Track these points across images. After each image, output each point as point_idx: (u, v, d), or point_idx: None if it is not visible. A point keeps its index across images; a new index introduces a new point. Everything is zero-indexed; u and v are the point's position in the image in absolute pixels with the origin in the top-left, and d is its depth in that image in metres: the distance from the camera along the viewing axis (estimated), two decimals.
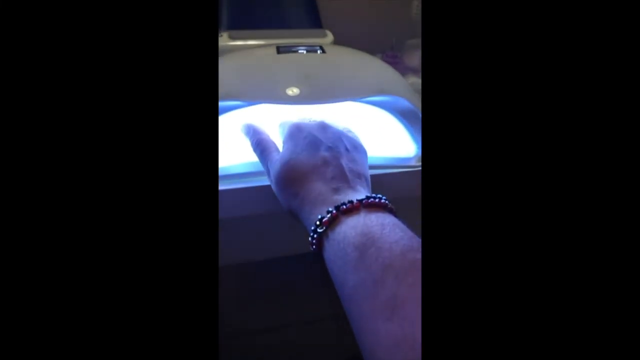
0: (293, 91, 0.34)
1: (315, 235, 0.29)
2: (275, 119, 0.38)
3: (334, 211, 0.28)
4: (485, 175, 0.20)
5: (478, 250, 0.20)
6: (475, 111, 0.21)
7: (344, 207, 0.28)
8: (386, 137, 0.42)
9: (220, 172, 0.38)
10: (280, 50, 0.37)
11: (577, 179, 0.19)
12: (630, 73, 0.18)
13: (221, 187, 0.37)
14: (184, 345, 0.19)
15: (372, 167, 0.40)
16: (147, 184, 0.20)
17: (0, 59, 0.18)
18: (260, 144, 0.36)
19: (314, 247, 0.29)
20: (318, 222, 0.28)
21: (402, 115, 0.39)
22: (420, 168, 0.42)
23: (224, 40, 0.55)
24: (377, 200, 0.29)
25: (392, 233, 0.26)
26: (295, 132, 0.34)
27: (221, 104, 0.34)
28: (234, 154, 0.39)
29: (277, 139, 0.36)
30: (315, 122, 0.35)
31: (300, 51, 0.37)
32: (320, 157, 0.32)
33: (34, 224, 0.18)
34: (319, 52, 0.37)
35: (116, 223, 0.19)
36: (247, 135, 0.37)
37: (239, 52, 0.40)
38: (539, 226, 0.19)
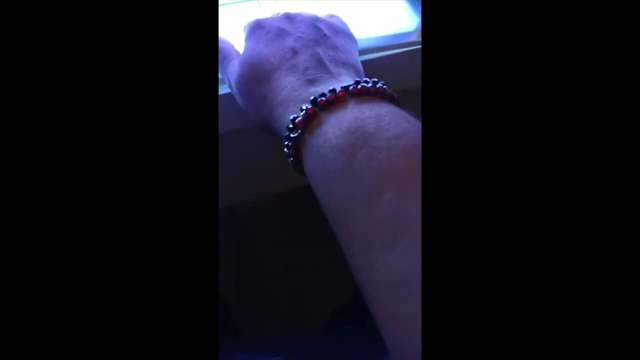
0: None
1: (289, 143, 0.22)
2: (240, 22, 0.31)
3: (310, 106, 0.21)
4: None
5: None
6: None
7: (324, 99, 0.21)
8: (376, 9, 0.32)
9: None
10: None
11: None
12: (630, 73, 0.16)
13: None
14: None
15: (362, 51, 0.32)
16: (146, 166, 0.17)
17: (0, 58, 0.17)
18: (221, 53, 0.29)
19: (291, 159, 0.23)
20: (291, 125, 0.22)
21: None
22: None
23: None
24: (370, 85, 0.21)
25: (392, 125, 0.19)
26: (256, 29, 0.28)
27: None
28: None
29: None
30: (280, 14, 0.29)
31: None
32: (289, 47, 0.25)
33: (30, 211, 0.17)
34: None
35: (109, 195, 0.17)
36: None
37: None
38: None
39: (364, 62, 0.31)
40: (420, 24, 0.33)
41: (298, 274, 0.61)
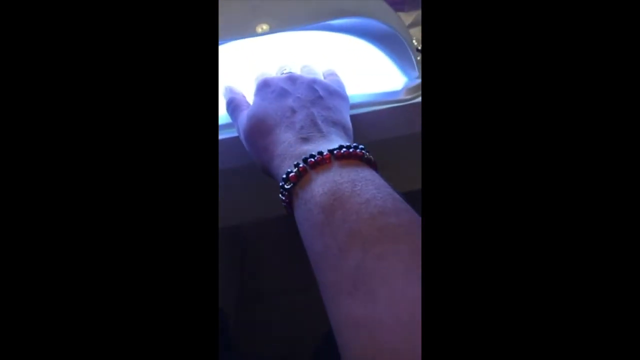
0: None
1: (284, 192, 0.26)
2: (251, 71, 0.36)
3: (302, 164, 0.25)
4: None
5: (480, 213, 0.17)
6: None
7: (312, 160, 0.25)
8: (368, 69, 0.37)
9: None
10: None
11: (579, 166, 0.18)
12: (630, 73, 0.17)
13: None
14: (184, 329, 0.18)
15: (356, 106, 0.36)
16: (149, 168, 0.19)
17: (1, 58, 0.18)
18: (232, 102, 0.34)
19: (284, 204, 0.27)
20: (285, 177, 0.25)
21: (381, 41, 0.35)
22: (410, 102, 0.37)
23: None
24: (352, 150, 0.25)
25: (363, 191, 0.22)
26: (263, 87, 0.32)
27: None
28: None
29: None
30: (284, 75, 0.33)
31: None
32: (288, 107, 0.30)
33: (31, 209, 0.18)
34: None
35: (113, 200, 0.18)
36: (224, 96, 0.36)
37: None
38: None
39: (355, 116, 0.36)
40: (406, 83, 0.38)
41: (295, 294, 0.63)
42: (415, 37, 0.52)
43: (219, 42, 0.32)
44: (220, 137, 0.36)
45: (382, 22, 0.32)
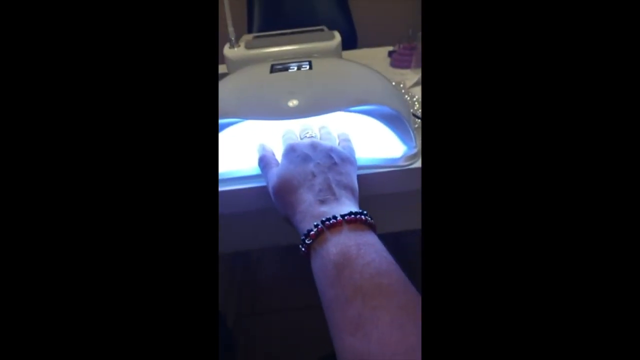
0: (282, 108, 0.39)
1: (304, 245, 0.33)
2: (278, 128, 0.44)
3: (320, 225, 0.32)
4: (484, 175, 0.22)
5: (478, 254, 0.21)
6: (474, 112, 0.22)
7: (328, 222, 0.32)
8: (376, 140, 0.46)
9: (230, 175, 0.45)
10: (273, 69, 0.42)
11: (575, 178, 0.19)
12: (629, 73, 0.18)
13: (231, 187, 0.44)
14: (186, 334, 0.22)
15: (364, 167, 0.45)
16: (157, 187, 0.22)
17: (6, 60, 0.19)
18: (263, 160, 0.42)
19: (303, 253, 0.34)
20: (306, 234, 0.33)
21: (387, 120, 0.43)
22: (407, 167, 0.45)
23: (241, 51, 0.61)
24: (358, 216, 0.33)
25: (366, 254, 0.30)
26: (290, 151, 0.39)
27: (221, 120, 0.40)
28: (239, 160, 0.45)
29: (280, 147, 0.42)
30: (308, 142, 0.41)
31: (291, 69, 0.42)
32: (310, 171, 0.37)
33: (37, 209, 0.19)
34: (307, 67, 0.42)
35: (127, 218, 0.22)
36: (257, 151, 0.43)
37: (238, 73, 0.45)
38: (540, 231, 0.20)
39: (362, 175, 0.44)
40: (405, 152, 0.46)
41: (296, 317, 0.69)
42: (418, 96, 0.61)
43: (260, 118, 0.40)
44: (251, 185, 0.44)
45: (390, 108, 0.41)
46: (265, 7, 1.21)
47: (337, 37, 0.61)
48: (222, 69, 0.90)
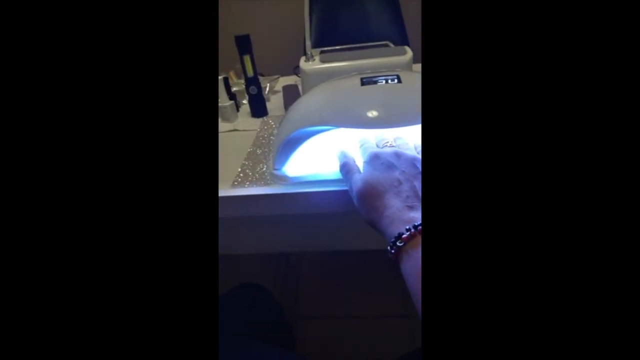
0: (372, 117, 0.42)
1: (394, 247, 0.34)
2: (352, 137, 0.46)
3: (413, 229, 0.33)
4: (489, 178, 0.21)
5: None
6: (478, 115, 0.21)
7: (421, 227, 0.33)
8: None
9: (315, 178, 0.48)
10: (363, 82, 0.45)
11: (575, 178, 0.19)
12: (629, 74, 0.18)
13: (314, 189, 0.47)
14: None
15: None
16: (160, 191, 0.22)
17: (7, 60, 0.18)
18: (345, 166, 0.43)
19: (391, 255, 0.34)
20: (397, 236, 0.33)
21: None
22: None
23: (316, 63, 0.65)
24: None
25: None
26: (374, 159, 0.41)
27: (316, 128, 0.43)
28: (327, 164, 0.48)
29: (358, 154, 0.44)
30: (391, 151, 0.42)
31: (379, 82, 0.45)
32: (396, 178, 0.38)
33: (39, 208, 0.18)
34: (395, 81, 0.45)
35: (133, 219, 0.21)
36: (338, 158, 0.46)
37: (330, 83, 0.49)
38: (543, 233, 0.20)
39: None
40: None
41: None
42: None
43: (341, 126, 0.43)
44: (331, 188, 0.47)
45: None
46: (321, 22, 1.26)
47: (409, 52, 0.64)
48: (292, 80, 0.95)
